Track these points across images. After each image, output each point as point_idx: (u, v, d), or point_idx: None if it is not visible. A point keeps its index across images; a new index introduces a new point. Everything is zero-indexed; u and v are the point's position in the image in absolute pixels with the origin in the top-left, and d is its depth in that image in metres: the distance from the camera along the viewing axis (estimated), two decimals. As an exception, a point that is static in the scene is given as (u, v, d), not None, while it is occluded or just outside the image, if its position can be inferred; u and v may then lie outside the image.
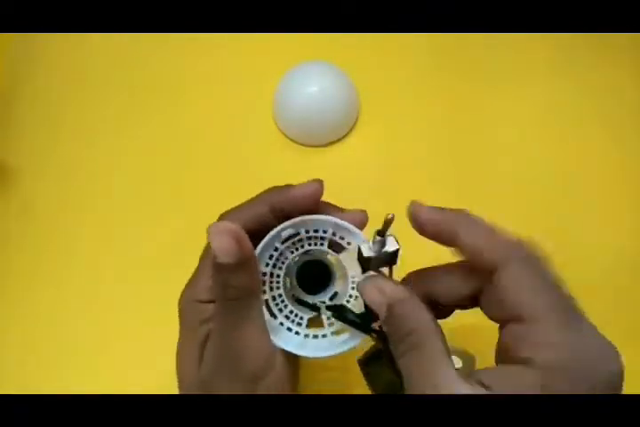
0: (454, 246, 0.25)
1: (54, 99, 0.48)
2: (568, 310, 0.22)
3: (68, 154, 0.45)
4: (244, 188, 0.44)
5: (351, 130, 0.46)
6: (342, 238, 0.29)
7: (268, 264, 0.29)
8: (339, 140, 0.45)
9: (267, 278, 0.29)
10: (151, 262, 0.42)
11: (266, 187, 0.44)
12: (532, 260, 0.23)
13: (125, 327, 0.39)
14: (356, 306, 0.29)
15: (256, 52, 0.49)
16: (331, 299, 0.31)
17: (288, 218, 0.28)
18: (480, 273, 0.24)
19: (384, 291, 0.25)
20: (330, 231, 0.29)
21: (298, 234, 0.29)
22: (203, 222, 0.43)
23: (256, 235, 0.28)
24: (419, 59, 0.49)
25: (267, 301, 0.29)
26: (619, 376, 0.21)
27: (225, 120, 0.47)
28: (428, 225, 0.25)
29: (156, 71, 0.49)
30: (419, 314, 0.24)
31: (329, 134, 0.45)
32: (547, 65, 0.49)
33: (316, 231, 0.29)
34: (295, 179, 0.44)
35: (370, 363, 0.29)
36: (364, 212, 0.28)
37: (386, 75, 0.48)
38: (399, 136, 0.46)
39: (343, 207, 0.30)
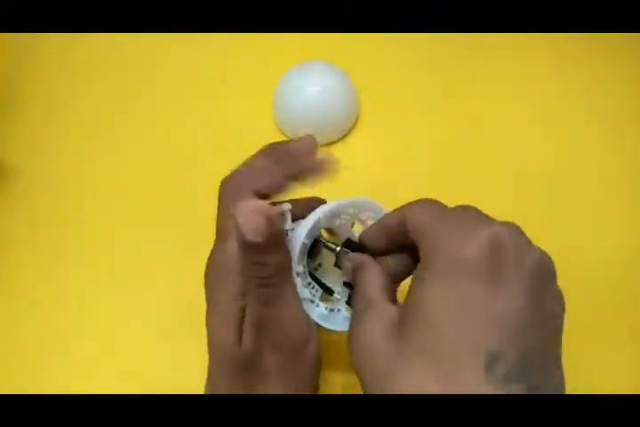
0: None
1: (54, 99, 0.48)
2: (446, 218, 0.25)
3: (68, 154, 0.45)
4: (244, 188, 0.44)
5: (351, 130, 0.46)
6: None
7: (307, 235, 0.29)
8: (339, 140, 0.45)
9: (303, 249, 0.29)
10: (151, 262, 0.41)
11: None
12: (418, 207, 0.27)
13: (125, 327, 0.39)
14: None
15: (256, 52, 0.49)
16: (315, 269, 0.32)
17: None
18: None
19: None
20: (366, 215, 0.31)
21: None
22: (203, 222, 0.44)
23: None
24: (419, 59, 0.49)
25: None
26: (475, 257, 0.22)
27: (225, 120, 0.47)
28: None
29: (156, 71, 0.49)
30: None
31: (329, 134, 0.45)
32: (546, 65, 0.49)
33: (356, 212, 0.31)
34: (295, 179, 0.44)
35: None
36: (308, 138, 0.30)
37: (386, 75, 0.48)
38: (399, 136, 0.46)
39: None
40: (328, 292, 0.31)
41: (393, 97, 0.47)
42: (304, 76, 0.44)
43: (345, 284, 0.30)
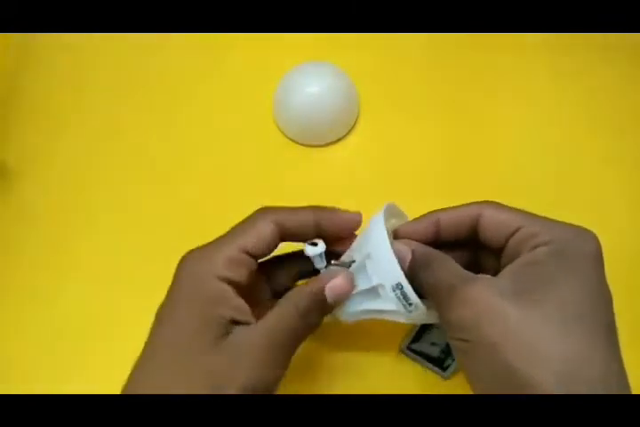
0: None
1: (54, 99, 0.48)
2: (539, 216, 0.29)
3: (68, 154, 0.45)
4: (244, 188, 0.44)
5: (351, 130, 0.46)
6: None
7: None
8: (338, 140, 0.45)
9: None
10: (151, 262, 0.41)
11: (264, 186, 0.44)
12: (495, 205, 0.30)
13: (125, 328, 0.39)
14: None
15: (256, 52, 0.49)
16: None
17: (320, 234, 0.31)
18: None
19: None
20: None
21: None
22: (203, 222, 0.44)
23: (291, 236, 0.30)
24: (419, 59, 0.49)
25: None
26: (596, 252, 0.26)
27: (225, 120, 0.47)
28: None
29: (156, 71, 0.49)
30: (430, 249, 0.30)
31: (329, 134, 0.45)
32: (547, 65, 0.49)
33: None
34: (295, 179, 0.44)
35: (413, 345, 0.37)
36: (359, 214, 0.32)
37: (386, 75, 0.48)
38: (399, 136, 0.46)
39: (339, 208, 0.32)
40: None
41: (393, 97, 0.47)
42: (304, 76, 0.44)
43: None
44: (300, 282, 0.34)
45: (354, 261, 0.30)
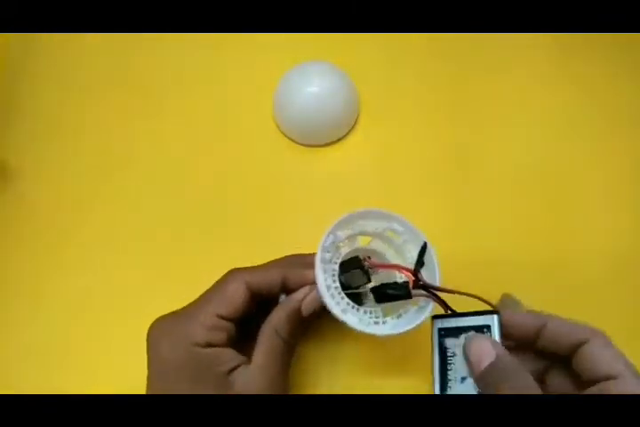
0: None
1: (54, 99, 0.48)
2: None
3: (68, 154, 0.45)
4: (244, 188, 0.44)
5: (351, 130, 0.46)
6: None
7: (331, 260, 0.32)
8: (339, 140, 0.45)
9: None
10: (150, 261, 0.42)
11: (264, 186, 0.44)
12: (606, 339, 0.29)
13: (124, 328, 0.39)
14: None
15: (256, 52, 0.49)
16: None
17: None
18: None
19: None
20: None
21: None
22: (203, 223, 0.44)
23: (260, 296, 0.32)
24: (419, 59, 0.49)
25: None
26: None
27: (225, 120, 0.47)
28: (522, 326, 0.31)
29: (155, 71, 0.49)
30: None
31: (329, 134, 0.45)
32: (547, 65, 0.49)
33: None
34: (295, 179, 0.44)
35: None
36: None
37: (386, 75, 0.48)
38: (399, 136, 0.46)
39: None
40: (358, 302, 0.32)
41: (393, 97, 0.47)
42: (304, 76, 0.44)
43: (371, 289, 0.32)
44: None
45: None
